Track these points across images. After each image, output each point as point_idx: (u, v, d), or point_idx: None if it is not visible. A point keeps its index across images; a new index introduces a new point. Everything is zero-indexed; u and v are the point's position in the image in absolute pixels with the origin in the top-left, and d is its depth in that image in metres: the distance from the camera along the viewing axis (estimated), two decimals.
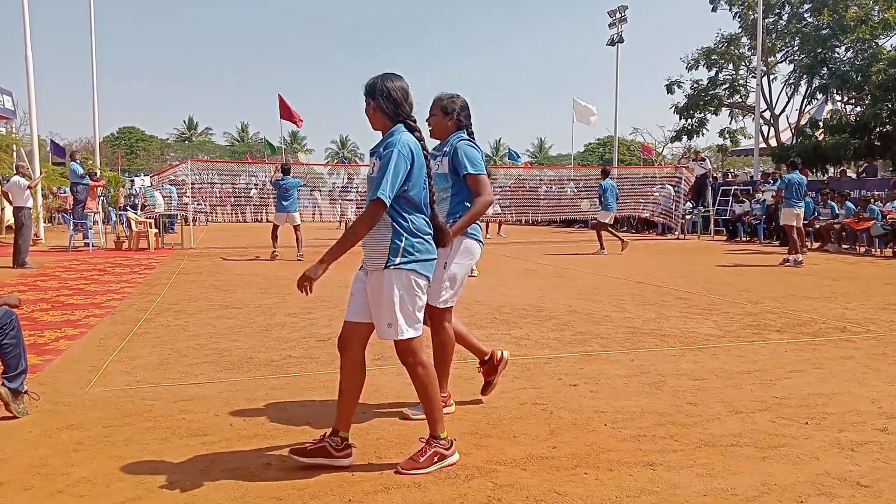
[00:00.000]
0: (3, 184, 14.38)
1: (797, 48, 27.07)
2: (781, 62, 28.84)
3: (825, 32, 24.64)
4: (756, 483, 2.92)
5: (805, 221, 13.33)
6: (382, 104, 3.03)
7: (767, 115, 29.11)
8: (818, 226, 15.59)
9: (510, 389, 4.32)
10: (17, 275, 10.36)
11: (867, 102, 22.78)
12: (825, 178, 22.08)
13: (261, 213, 20.40)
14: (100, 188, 17.72)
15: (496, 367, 4.01)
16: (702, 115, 29.96)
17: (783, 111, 29.71)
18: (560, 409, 3.92)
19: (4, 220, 18.10)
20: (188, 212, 17.51)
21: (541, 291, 8.66)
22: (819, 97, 26.16)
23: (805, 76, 26.49)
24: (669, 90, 29.82)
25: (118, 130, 66.91)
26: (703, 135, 30.97)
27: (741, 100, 29.92)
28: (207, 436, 3.52)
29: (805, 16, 26.43)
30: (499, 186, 23.42)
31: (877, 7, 24.02)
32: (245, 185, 22.09)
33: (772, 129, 29.53)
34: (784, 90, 29.14)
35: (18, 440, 3.47)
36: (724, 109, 30.22)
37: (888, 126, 22.07)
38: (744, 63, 29.37)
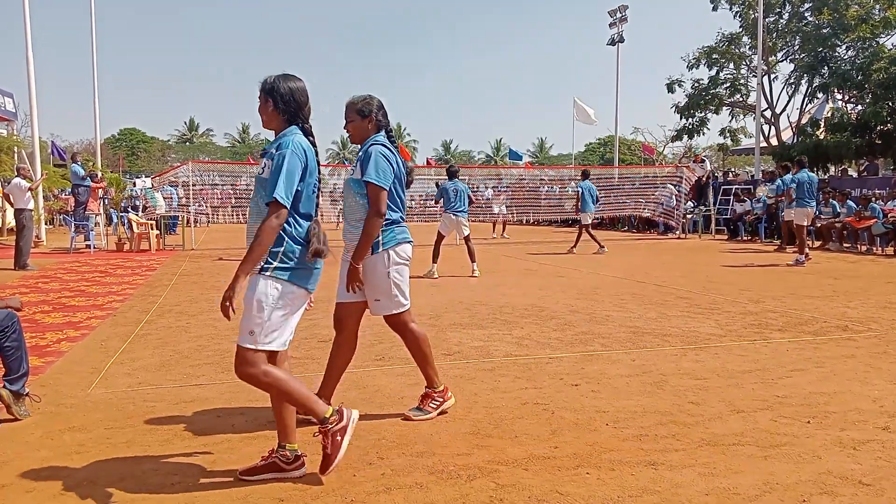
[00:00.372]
0: (5, 186, 14.39)
1: (798, 47, 27.10)
2: (782, 61, 28.87)
3: (826, 31, 24.64)
4: (758, 482, 2.92)
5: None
6: (282, 105, 2.93)
7: (768, 114, 29.11)
8: (819, 224, 15.58)
9: (512, 389, 4.32)
10: (19, 277, 10.37)
11: (868, 101, 22.78)
12: (826, 177, 22.07)
13: None
14: (101, 190, 17.74)
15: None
16: (702, 115, 30.02)
17: (784, 110, 29.79)
18: (562, 409, 3.92)
19: (6, 223, 18.13)
20: (189, 213, 17.53)
21: (541, 291, 8.66)
22: (820, 96, 26.15)
23: (806, 75, 26.51)
24: (670, 89, 29.89)
25: (119, 132, 67.07)
26: (704, 134, 31.15)
27: (742, 99, 29.94)
28: (209, 437, 3.52)
29: (806, 15, 26.44)
30: (505, 187, 23.46)
31: (877, 6, 24.03)
32: (246, 186, 22.08)
33: (773, 128, 29.53)
34: (785, 89, 29.22)
35: (20, 442, 3.47)
36: (725, 108, 30.24)
37: (889, 125, 22.08)
38: (744, 62, 29.39)
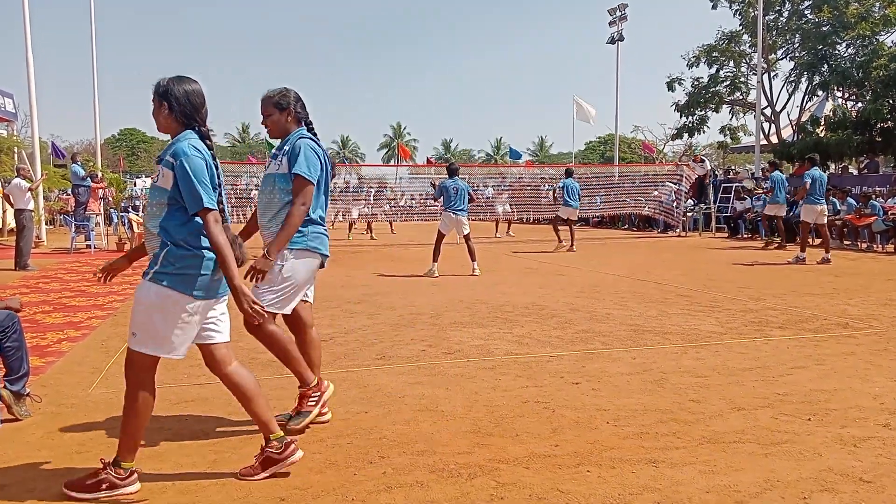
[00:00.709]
0: (5, 186, 14.40)
1: (798, 45, 27.07)
2: (782, 59, 28.85)
3: (826, 29, 24.61)
4: (759, 479, 2.92)
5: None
6: (177, 108, 2.86)
7: (768, 112, 29.08)
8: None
9: (512, 388, 4.32)
10: (19, 277, 10.37)
11: (868, 99, 22.77)
12: (827, 175, 22.04)
13: None
14: (101, 190, 17.73)
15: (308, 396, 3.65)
16: (703, 113, 30.00)
17: (784, 108, 29.76)
18: (562, 407, 3.92)
19: (6, 223, 18.12)
20: None
21: (542, 289, 8.66)
22: (820, 94, 26.14)
23: (806, 73, 26.48)
24: (670, 88, 29.86)
25: (119, 132, 67.13)
26: (704, 132, 31.07)
27: (742, 97, 29.90)
28: (210, 436, 3.53)
29: (805, 13, 26.41)
30: (507, 185, 23.44)
31: (877, 3, 23.99)
32: (246, 186, 22.10)
33: (773, 126, 29.51)
34: (785, 87, 29.22)
35: (21, 442, 3.47)
36: (725, 107, 30.23)
37: (889, 122, 22.07)
38: (744, 60, 29.36)
